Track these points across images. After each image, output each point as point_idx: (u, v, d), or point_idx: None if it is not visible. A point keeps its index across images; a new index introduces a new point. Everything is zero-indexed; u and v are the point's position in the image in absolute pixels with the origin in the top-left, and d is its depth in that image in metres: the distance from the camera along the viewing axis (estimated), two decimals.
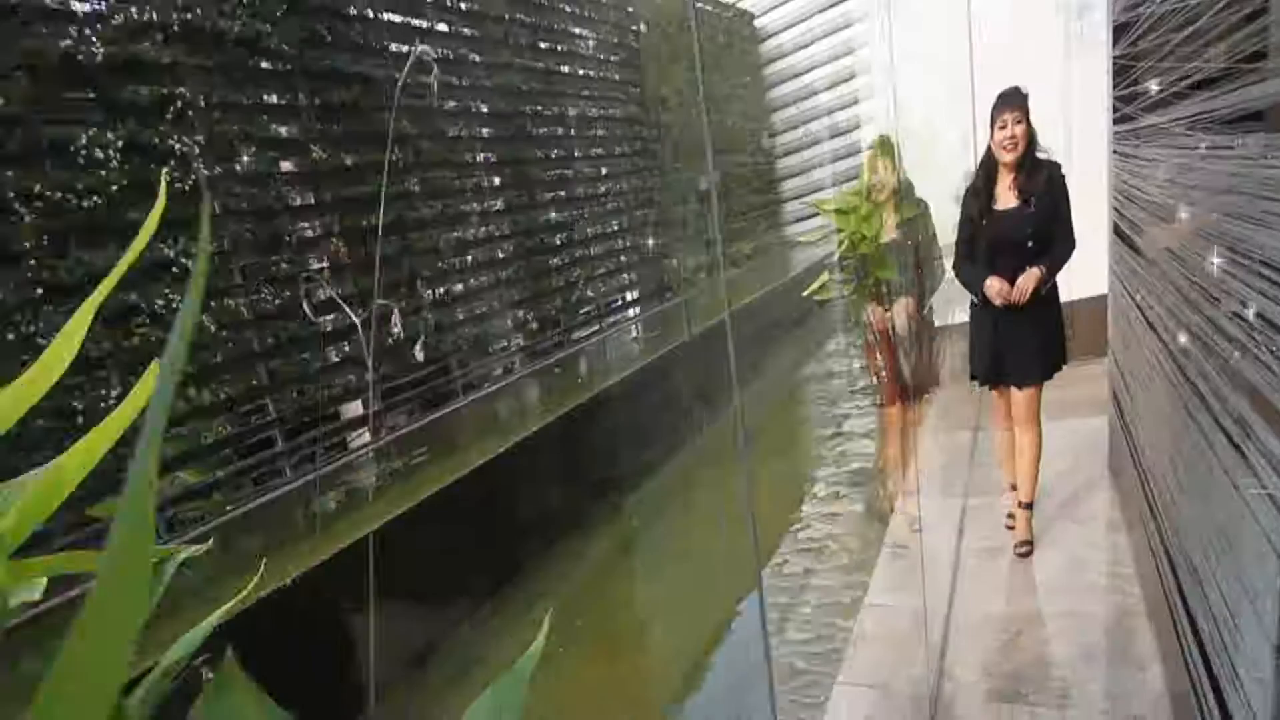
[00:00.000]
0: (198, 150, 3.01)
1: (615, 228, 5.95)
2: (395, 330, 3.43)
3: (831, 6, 7.16)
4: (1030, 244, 2.53)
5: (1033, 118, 2.51)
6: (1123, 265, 2.49)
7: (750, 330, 6.61)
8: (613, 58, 6.01)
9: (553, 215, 5.16)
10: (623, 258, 6.00)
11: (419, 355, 3.43)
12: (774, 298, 6.95)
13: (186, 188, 2.98)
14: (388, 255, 3.89)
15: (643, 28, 4.77)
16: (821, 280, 4.02)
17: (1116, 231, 2.56)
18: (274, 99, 3.38)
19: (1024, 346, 2.63)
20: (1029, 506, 2.76)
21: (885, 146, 3.33)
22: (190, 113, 2.98)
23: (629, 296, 6.16)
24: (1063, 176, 2.53)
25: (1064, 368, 2.69)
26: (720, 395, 5.51)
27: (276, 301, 3.21)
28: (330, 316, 3.42)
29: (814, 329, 7.11)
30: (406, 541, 3.14)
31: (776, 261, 8.12)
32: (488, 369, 4.58)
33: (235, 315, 3.08)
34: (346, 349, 3.51)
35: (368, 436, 3.74)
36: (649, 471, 4.89)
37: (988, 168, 2.62)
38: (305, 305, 3.03)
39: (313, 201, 3.46)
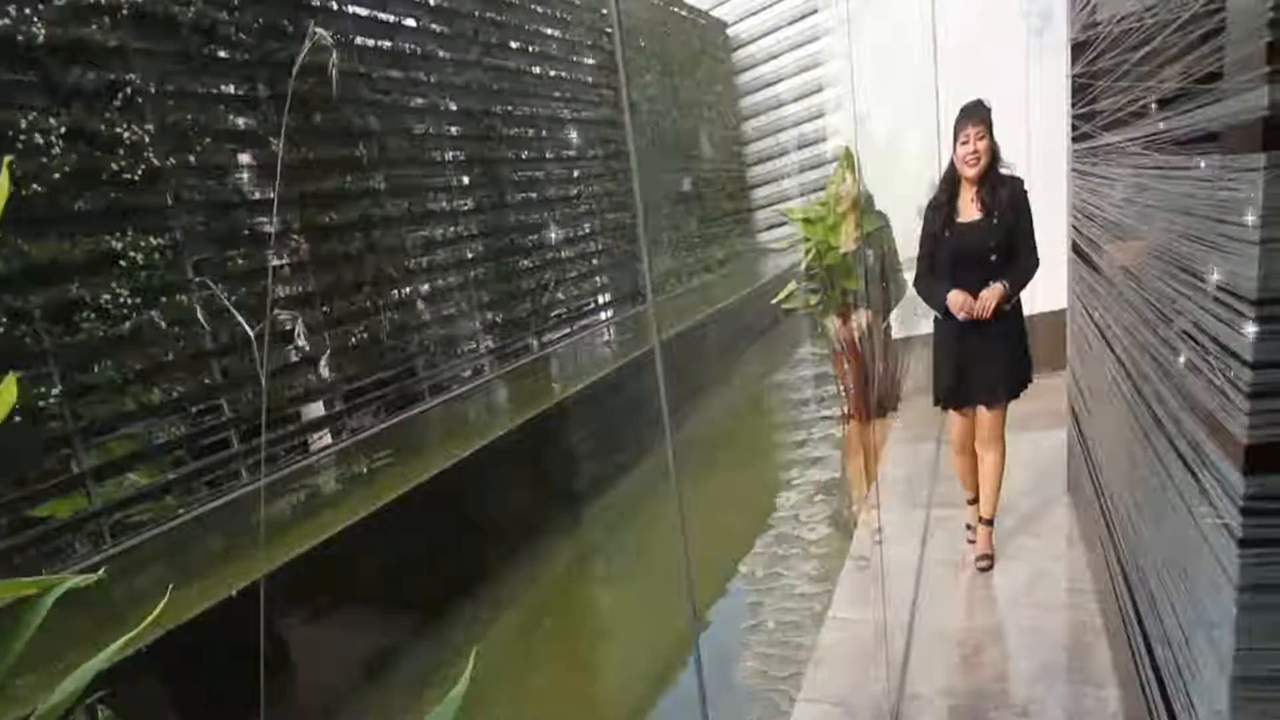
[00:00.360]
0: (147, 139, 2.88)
1: (587, 230, 5.88)
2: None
3: (800, 19, 7.22)
4: (993, 257, 2.53)
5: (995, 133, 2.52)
6: (1081, 283, 2.51)
7: (722, 337, 6.61)
8: (587, 61, 5.96)
9: (523, 217, 5.08)
10: (594, 261, 5.94)
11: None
12: (745, 303, 6.98)
13: (136, 177, 2.85)
14: (351, 253, 3.78)
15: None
16: (789, 289, 4.02)
17: (1075, 249, 2.58)
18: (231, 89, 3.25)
19: (989, 361, 2.62)
20: (990, 522, 2.77)
21: (847, 159, 3.35)
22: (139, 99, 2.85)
23: (601, 300, 6.10)
24: (1025, 192, 2.55)
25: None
26: (683, 403, 5.50)
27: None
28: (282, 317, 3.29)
29: (780, 338, 7.16)
30: (354, 548, 3.04)
31: (747, 268, 8.16)
32: (455, 372, 4.48)
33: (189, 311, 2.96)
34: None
35: (328, 439, 3.61)
36: (615, 477, 4.83)
37: (950, 181, 2.61)
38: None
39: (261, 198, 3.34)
